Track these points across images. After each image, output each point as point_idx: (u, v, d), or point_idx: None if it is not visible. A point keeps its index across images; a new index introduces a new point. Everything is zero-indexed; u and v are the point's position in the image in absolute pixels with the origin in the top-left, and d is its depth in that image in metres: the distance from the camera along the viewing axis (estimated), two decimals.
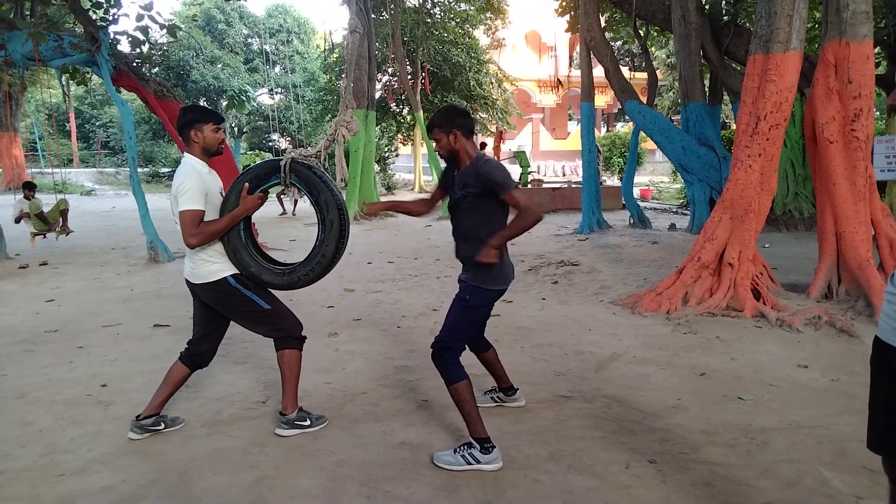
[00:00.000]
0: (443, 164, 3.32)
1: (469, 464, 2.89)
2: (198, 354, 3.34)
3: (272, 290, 3.33)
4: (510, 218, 3.00)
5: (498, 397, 3.67)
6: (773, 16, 5.58)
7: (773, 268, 6.53)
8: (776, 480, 2.79)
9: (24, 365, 4.55)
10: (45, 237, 9.66)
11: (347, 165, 14.11)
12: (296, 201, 15.54)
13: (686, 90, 11.33)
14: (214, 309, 3.28)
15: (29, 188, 9.59)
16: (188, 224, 3.02)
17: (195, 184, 3.05)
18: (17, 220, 9.45)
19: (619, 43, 21.61)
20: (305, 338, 3.40)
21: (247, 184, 3.15)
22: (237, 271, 3.21)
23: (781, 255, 8.51)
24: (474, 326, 3.14)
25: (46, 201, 9.95)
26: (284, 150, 3.36)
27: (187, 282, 3.25)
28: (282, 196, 15.37)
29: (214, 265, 3.17)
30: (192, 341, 3.36)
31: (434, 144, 3.14)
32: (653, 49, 23.17)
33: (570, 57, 21.29)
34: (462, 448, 2.95)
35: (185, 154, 3.21)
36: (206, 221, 3.09)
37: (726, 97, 12.97)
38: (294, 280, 3.23)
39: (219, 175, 3.39)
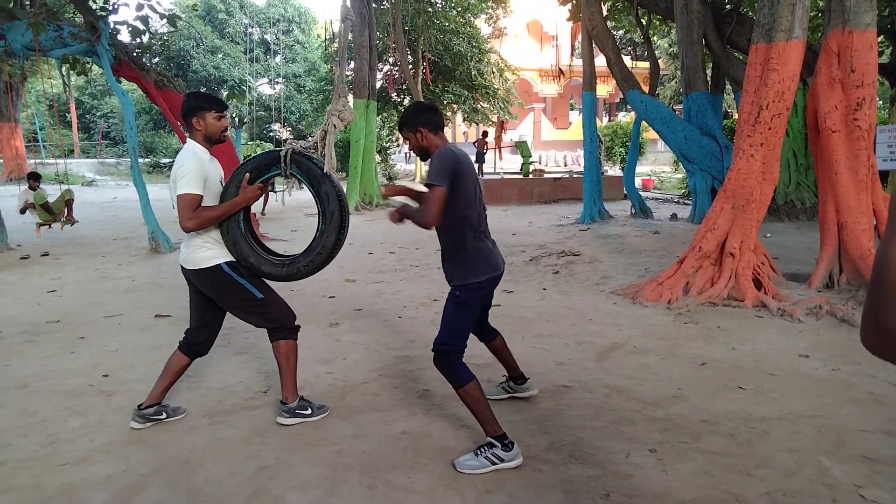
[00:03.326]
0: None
1: (494, 464, 2.83)
2: (196, 343, 3.34)
3: (267, 280, 3.32)
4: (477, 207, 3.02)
5: (509, 387, 3.65)
6: (775, 4, 5.54)
7: (775, 257, 6.53)
8: (776, 470, 2.80)
9: (25, 355, 4.56)
10: (50, 227, 9.71)
11: (347, 155, 13.95)
12: (265, 200, 13.98)
13: (688, 79, 11.29)
14: (210, 297, 3.28)
15: (34, 179, 9.61)
16: (185, 208, 3.01)
17: (195, 168, 3.04)
18: (23, 211, 9.50)
19: (620, 32, 21.49)
20: (299, 327, 3.40)
21: (247, 174, 3.15)
22: (232, 259, 3.19)
23: (783, 244, 8.50)
24: (471, 322, 3.07)
25: (49, 192, 9.96)
26: (285, 141, 3.31)
27: (182, 268, 3.24)
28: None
29: (209, 251, 3.16)
30: (190, 330, 3.36)
31: (406, 144, 3.14)
32: (655, 38, 23.02)
33: (572, 46, 21.21)
34: (483, 449, 2.88)
35: (188, 140, 3.21)
36: (204, 207, 3.08)
37: (728, 86, 12.94)
38: (294, 271, 3.23)
39: (220, 164, 3.39)
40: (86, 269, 7.89)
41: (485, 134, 21.68)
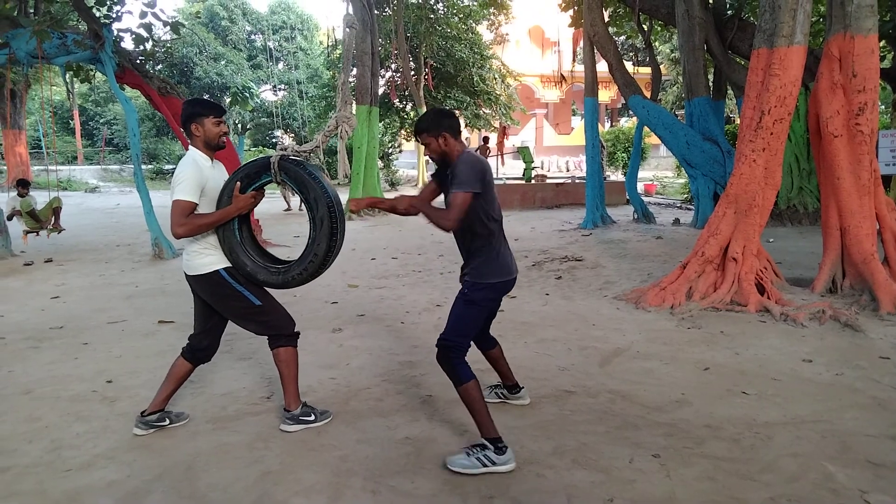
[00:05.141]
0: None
1: (485, 466, 2.84)
2: (199, 350, 3.34)
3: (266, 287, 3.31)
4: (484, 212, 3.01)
5: (502, 393, 3.66)
6: (777, 10, 5.56)
7: (778, 262, 6.51)
8: (780, 475, 2.79)
9: (29, 361, 4.57)
10: (37, 235, 9.64)
11: (350, 162, 14.05)
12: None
13: (690, 85, 11.30)
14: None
15: (23, 185, 9.55)
16: (177, 214, 3.02)
17: (192, 176, 3.05)
18: (10, 218, 9.40)
19: (622, 38, 21.53)
20: (299, 334, 3.39)
21: (238, 182, 3.12)
22: (231, 265, 3.20)
23: (786, 249, 8.49)
24: (478, 323, 3.10)
25: (45, 200, 9.93)
26: (281, 147, 3.30)
27: (185, 274, 3.26)
28: (286, 192, 14.83)
29: (207, 257, 3.17)
30: (193, 336, 3.37)
31: (424, 149, 3.15)
32: (656, 44, 23.07)
33: (574, 52, 21.25)
34: (476, 450, 2.89)
35: (190, 147, 3.22)
36: (196, 214, 3.08)
37: (730, 92, 12.94)
38: (288, 279, 3.20)
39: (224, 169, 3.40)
40: (89, 276, 7.91)
41: (486, 139, 21.70)
